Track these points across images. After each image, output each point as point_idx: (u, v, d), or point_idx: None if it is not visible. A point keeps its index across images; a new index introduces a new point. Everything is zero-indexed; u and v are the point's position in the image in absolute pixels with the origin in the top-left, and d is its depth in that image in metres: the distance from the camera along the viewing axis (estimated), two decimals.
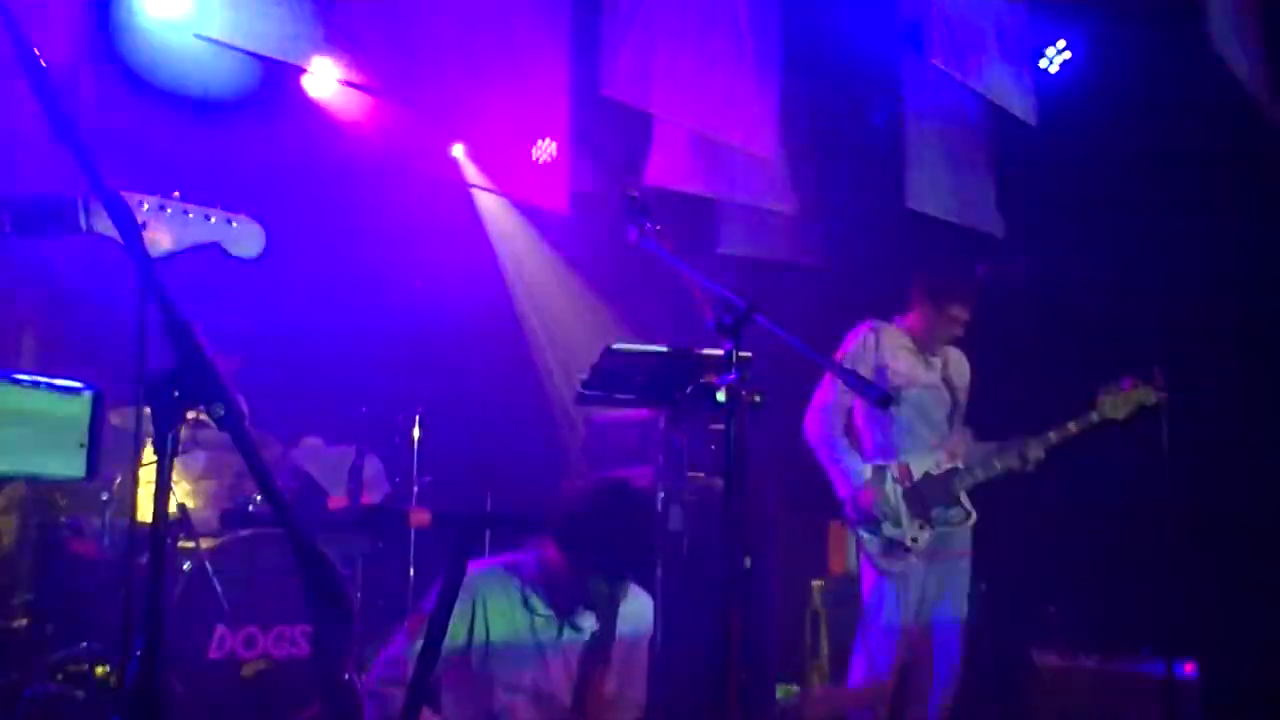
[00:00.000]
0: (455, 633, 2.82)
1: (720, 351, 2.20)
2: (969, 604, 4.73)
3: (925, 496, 4.55)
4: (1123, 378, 4.46)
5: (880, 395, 2.32)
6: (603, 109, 5.28)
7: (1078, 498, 5.58)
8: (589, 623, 2.96)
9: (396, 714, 2.69)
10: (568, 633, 2.95)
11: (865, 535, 4.58)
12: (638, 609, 3.02)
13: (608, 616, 2.96)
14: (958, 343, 4.81)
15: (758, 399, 2.19)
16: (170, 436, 1.63)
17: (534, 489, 6.04)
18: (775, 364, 2.76)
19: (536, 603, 2.93)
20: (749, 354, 2.22)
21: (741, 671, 2.07)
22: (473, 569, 2.93)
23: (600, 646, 2.95)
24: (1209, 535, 4.72)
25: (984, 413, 4.86)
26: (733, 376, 2.13)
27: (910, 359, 4.68)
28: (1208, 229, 5.34)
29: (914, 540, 4.51)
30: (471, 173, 6.86)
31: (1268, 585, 5.03)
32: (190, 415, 3.03)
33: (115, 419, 4.63)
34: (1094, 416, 4.46)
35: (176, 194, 2.07)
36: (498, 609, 2.89)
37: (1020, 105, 5.41)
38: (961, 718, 5.03)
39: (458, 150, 6.86)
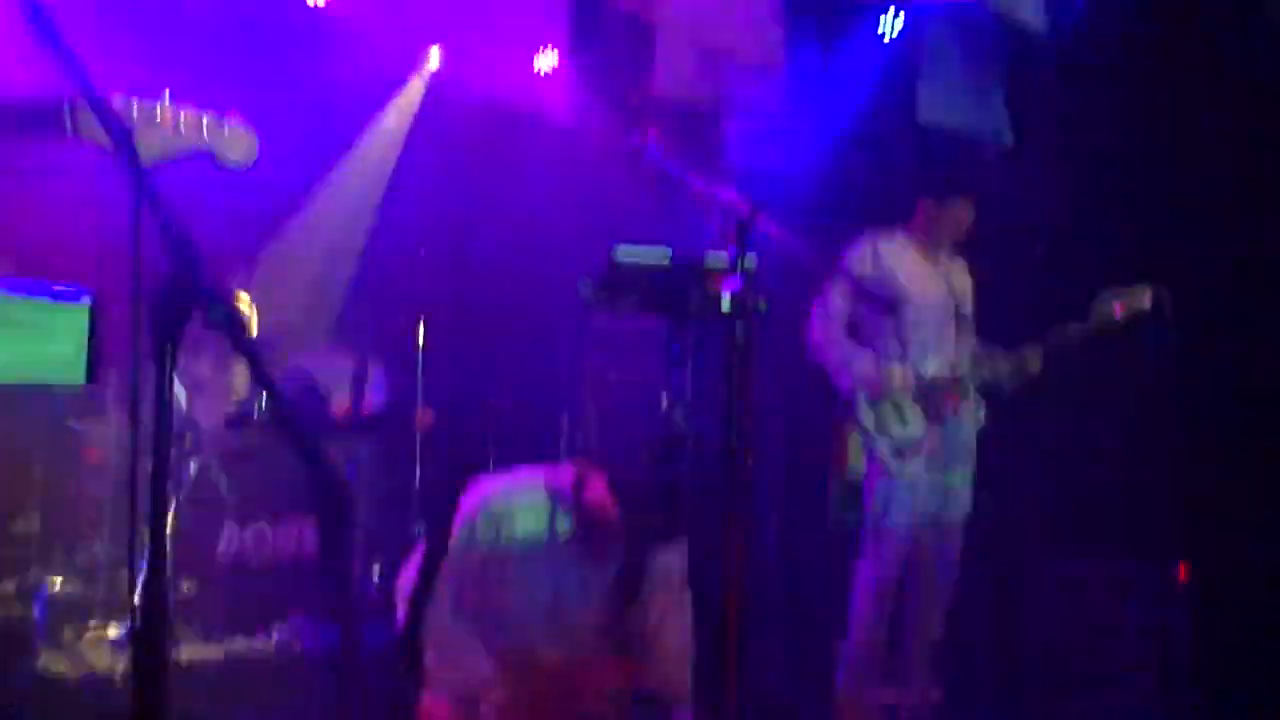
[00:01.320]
0: (481, 537, 2.84)
1: (725, 258, 2.18)
2: (971, 507, 4.78)
3: (934, 396, 4.57)
4: (1121, 284, 4.47)
5: (887, 301, 2.31)
6: (606, 18, 5.19)
7: (1081, 402, 5.59)
8: (617, 554, 2.92)
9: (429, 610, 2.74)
10: (590, 560, 2.92)
11: (873, 436, 4.61)
12: (669, 558, 2.97)
13: (638, 560, 2.91)
14: (960, 251, 4.79)
15: (762, 306, 2.18)
16: (170, 342, 1.63)
17: (536, 396, 6.08)
18: (780, 272, 2.75)
19: (564, 526, 2.88)
20: (754, 260, 2.20)
21: (744, 574, 2.09)
22: (505, 479, 2.96)
23: (630, 584, 2.92)
24: (1210, 443, 4.73)
25: (987, 319, 4.86)
26: (737, 283, 2.11)
27: (915, 267, 4.65)
28: (1217, 137, 5.27)
29: (918, 441, 4.54)
30: (431, 69, 6.75)
31: (1265, 492, 5.06)
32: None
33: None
34: (1092, 321, 4.48)
35: (166, 95, 2.01)
36: (524, 522, 2.87)
37: (1030, 15, 5.32)
38: (960, 618, 5.10)
39: (433, 52, 6.75)
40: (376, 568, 5.20)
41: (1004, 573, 5.59)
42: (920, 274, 4.65)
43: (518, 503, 2.90)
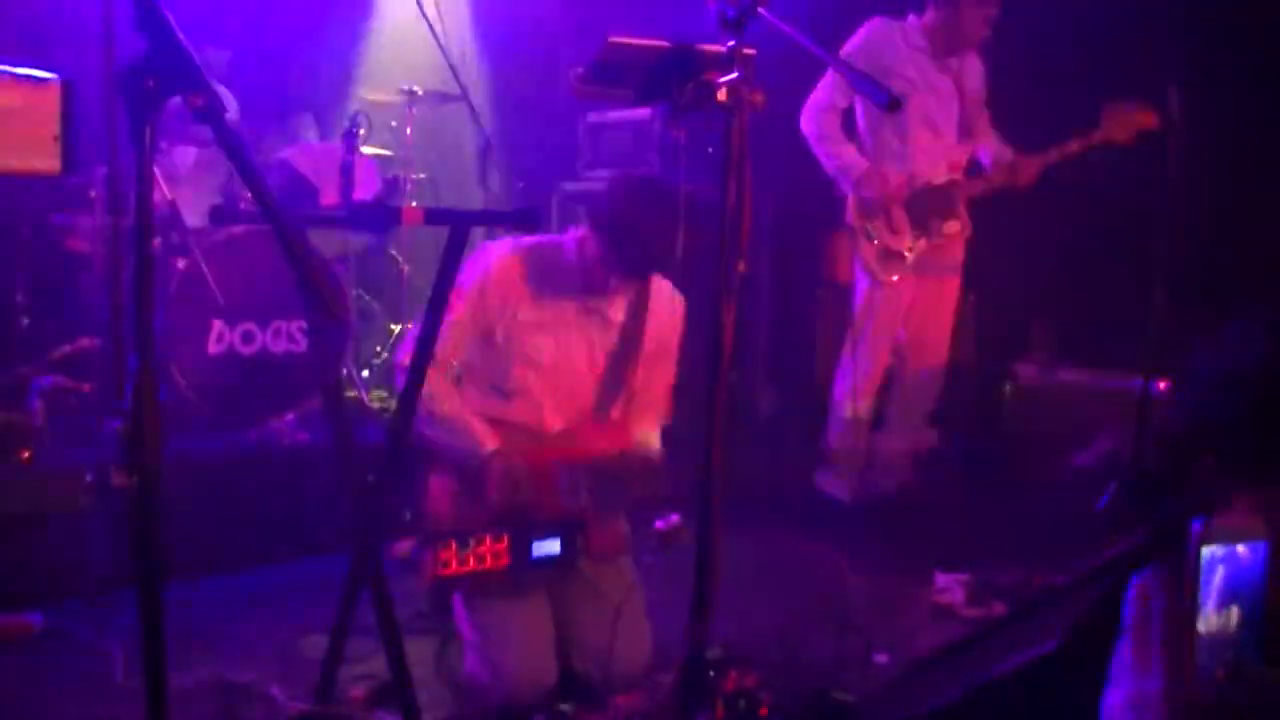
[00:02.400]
0: (485, 307, 2.91)
1: (723, 48, 2.09)
2: (956, 315, 4.78)
3: (924, 206, 4.50)
4: (1130, 98, 4.32)
5: (887, 98, 2.22)
6: None
7: (1071, 212, 5.54)
8: (619, 315, 3.03)
9: (428, 390, 2.76)
10: (595, 321, 3.02)
11: (862, 241, 4.57)
12: (668, 306, 3.11)
13: (639, 310, 3.02)
14: (979, 50, 4.63)
15: (760, 99, 2.10)
16: (148, 128, 1.57)
17: (529, 185, 5.99)
18: (779, 66, 2.65)
19: (565, 284, 2.97)
20: (753, 51, 2.11)
21: (732, 373, 2.08)
22: (506, 247, 3.00)
23: (631, 339, 3.04)
24: (1199, 258, 4.70)
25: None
26: (735, 74, 2.03)
27: (922, 62, 4.50)
28: None
29: (909, 249, 4.50)
30: None
31: (1246, 311, 5.05)
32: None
33: None
34: (1095, 136, 4.35)
35: None
36: (527, 285, 2.95)
37: None
38: (941, 424, 5.18)
39: None
40: (364, 369, 5.25)
41: (988, 379, 5.65)
42: (926, 71, 4.50)
43: (526, 267, 2.97)
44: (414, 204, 5.26)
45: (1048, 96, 5.15)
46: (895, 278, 4.53)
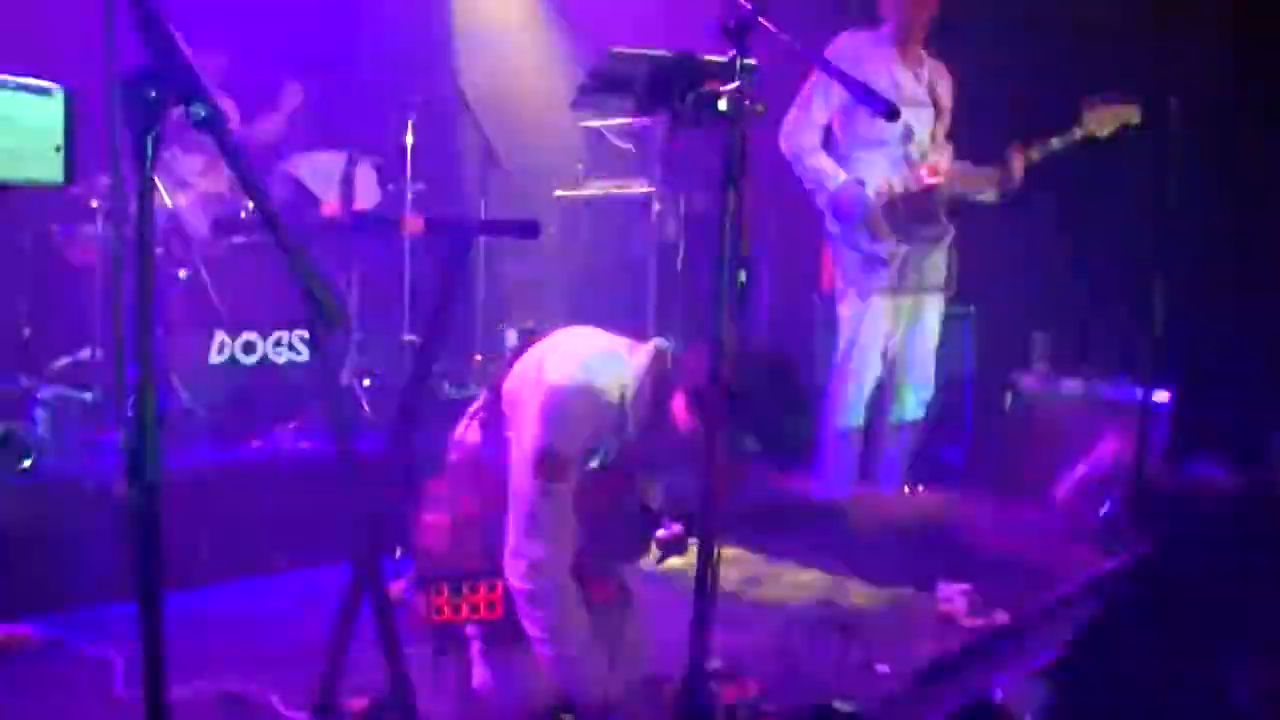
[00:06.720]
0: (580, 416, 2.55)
1: (724, 58, 2.10)
2: (943, 330, 4.77)
3: (904, 212, 4.51)
4: (1107, 92, 4.31)
5: (886, 107, 2.22)
6: None
7: (1070, 223, 5.54)
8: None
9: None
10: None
11: (844, 251, 4.57)
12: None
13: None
14: (942, 55, 4.64)
15: (760, 109, 2.11)
16: (149, 139, 1.57)
17: (528, 196, 6.00)
18: (776, 77, 2.65)
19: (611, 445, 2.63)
20: (754, 61, 2.12)
21: (732, 380, 2.08)
22: (587, 349, 2.65)
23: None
24: (1199, 268, 4.69)
25: (968, 128, 4.74)
26: (736, 84, 2.03)
27: (896, 71, 4.51)
28: None
29: (891, 255, 4.50)
30: None
31: (1245, 321, 5.06)
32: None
33: None
34: (1076, 132, 4.33)
35: None
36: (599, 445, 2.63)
37: None
38: (939, 436, 5.17)
39: None
40: (365, 379, 5.24)
41: (988, 391, 5.63)
42: (901, 80, 4.52)
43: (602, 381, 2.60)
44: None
45: (1031, 95, 5.15)
46: (879, 287, 4.53)
